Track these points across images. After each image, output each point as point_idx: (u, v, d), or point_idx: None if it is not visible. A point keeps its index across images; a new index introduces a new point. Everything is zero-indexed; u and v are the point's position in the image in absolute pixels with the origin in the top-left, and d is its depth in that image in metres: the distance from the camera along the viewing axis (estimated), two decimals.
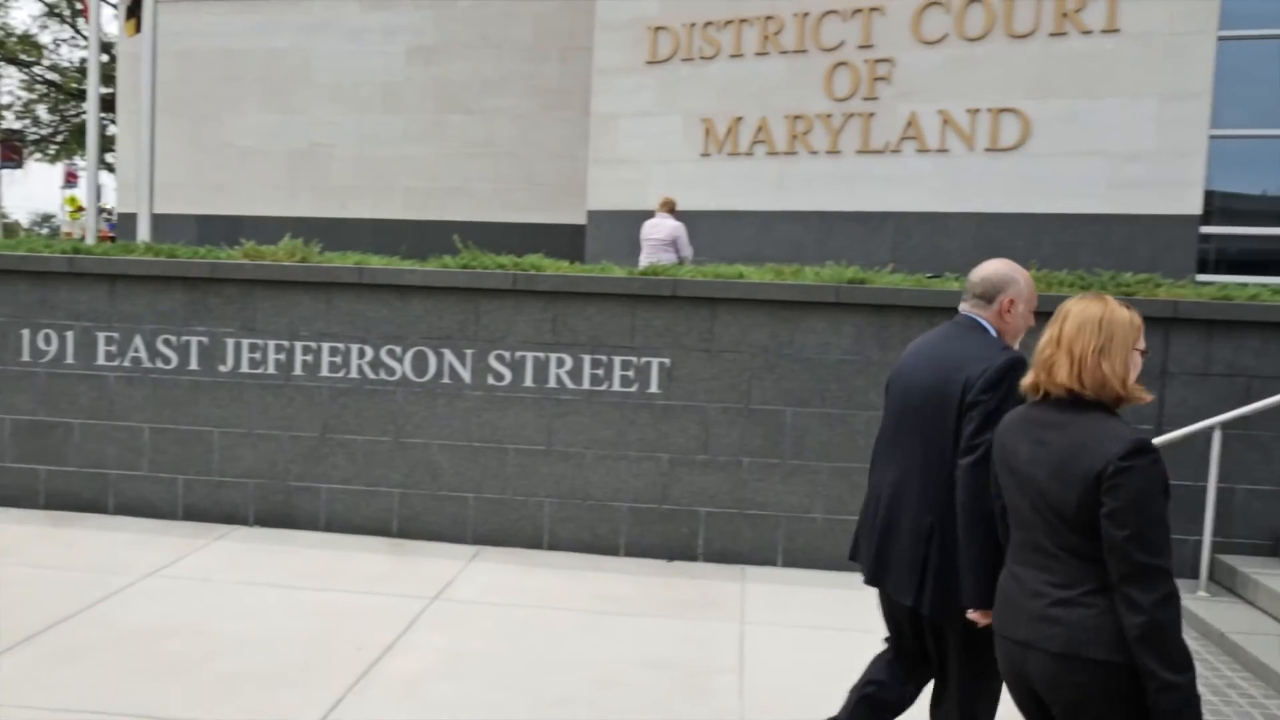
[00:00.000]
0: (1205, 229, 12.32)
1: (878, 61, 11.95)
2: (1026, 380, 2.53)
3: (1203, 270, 12.58)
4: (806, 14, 12.24)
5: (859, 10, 12.02)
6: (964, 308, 3.12)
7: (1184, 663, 2.21)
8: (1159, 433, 5.81)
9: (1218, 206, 12.65)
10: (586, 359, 6.20)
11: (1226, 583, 5.74)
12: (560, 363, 6.21)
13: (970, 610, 2.81)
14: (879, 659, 3.31)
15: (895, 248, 11.68)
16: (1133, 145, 10.90)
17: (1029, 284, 3.06)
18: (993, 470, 2.61)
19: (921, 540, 2.96)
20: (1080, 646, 2.28)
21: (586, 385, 6.20)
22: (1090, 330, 2.39)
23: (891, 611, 3.20)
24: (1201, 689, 4.16)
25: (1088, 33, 11.06)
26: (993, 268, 3.08)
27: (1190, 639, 5.16)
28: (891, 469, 3.11)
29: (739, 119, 12.60)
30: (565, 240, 13.71)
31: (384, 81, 16.33)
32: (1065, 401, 2.42)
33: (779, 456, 6.11)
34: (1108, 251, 10.93)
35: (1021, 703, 2.53)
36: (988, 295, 3.04)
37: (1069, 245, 11.05)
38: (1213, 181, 11.57)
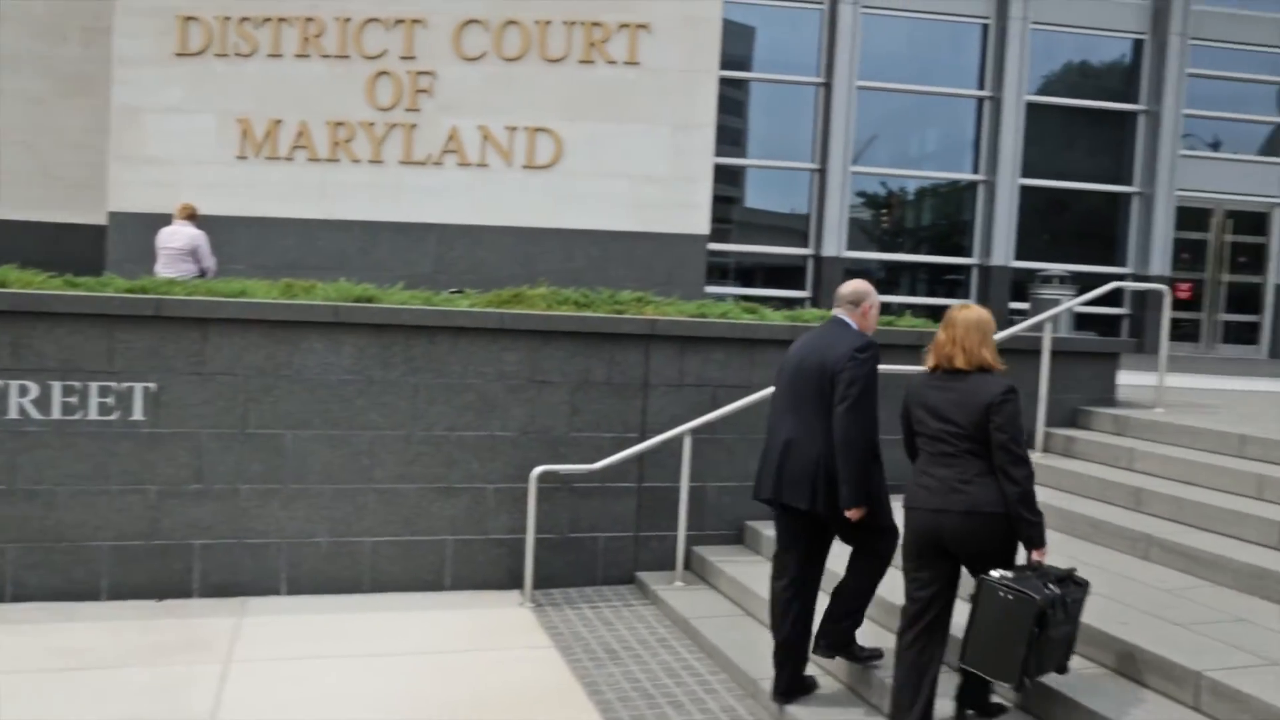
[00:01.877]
0: (714, 245, 13.79)
1: (420, 74, 12.01)
2: (929, 362, 3.98)
3: (722, 280, 14.05)
4: (349, 19, 12.01)
5: (401, 20, 12.00)
6: (837, 312, 4.41)
7: (1038, 510, 3.75)
8: (643, 439, 6.36)
9: (738, 223, 14.20)
10: (57, 386, 5.61)
11: (699, 571, 6.40)
12: (23, 390, 5.57)
13: (847, 510, 4.14)
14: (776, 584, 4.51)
15: (438, 259, 11.82)
16: (651, 169, 11.87)
17: (877, 295, 4.46)
18: (903, 413, 4.06)
19: (812, 466, 4.20)
20: (978, 505, 3.75)
21: (57, 415, 5.61)
22: (974, 331, 3.88)
23: (788, 525, 4.41)
24: (659, 672, 4.59)
25: (613, 63, 11.88)
26: (857, 284, 4.46)
27: (662, 627, 5.71)
28: (789, 421, 4.34)
29: (278, 122, 12.08)
30: (89, 243, 12.40)
31: None
32: (956, 372, 3.88)
33: (280, 481, 5.92)
34: (633, 265, 11.84)
35: (923, 554, 3.89)
36: (855, 301, 4.39)
37: (600, 260, 11.80)
38: (732, 202, 12.99)
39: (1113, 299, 14.77)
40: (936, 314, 5.12)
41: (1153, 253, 14.82)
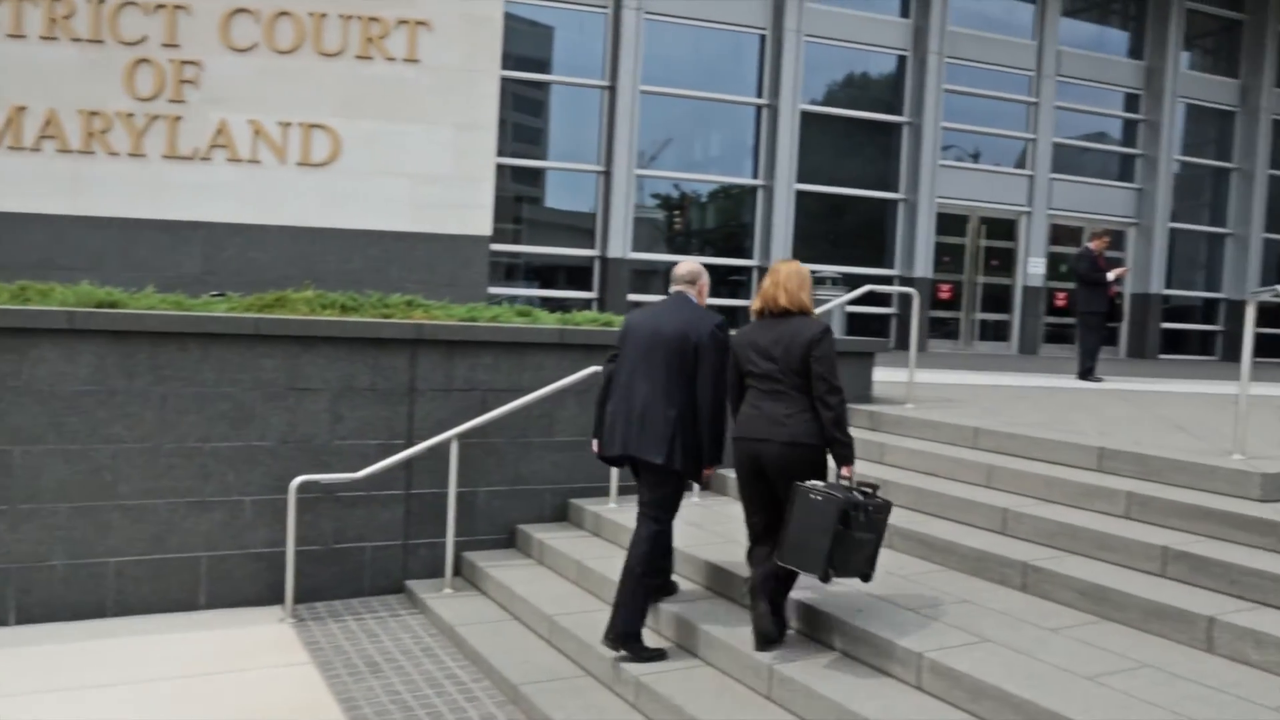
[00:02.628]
0: (503, 246, 13.74)
1: (185, 63, 11.35)
2: (756, 305, 4.54)
3: (511, 281, 14.00)
4: (102, 1, 11.24)
5: (162, 6, 11.32)
6: (676, 289, 4.91)
7: (849, 433, 4.33)
8: (411, 445, 6.25)
9: (528, 224, 14.18)
10: None
11: (470, 577, 6.35)
12: None
13: (709, 467, 4.75)
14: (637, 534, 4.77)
15: (207, 260, 11.23)
16: (433, 169, 11.69)
17: (706, 273, 5.04)
18: (734, 352, 4.56)
19: (669, 425, 4.61)
20: (797, 438, 4.29)
21: None
22: (795, 277, 4.48)
23: (641, 476, 4.80)
24: (420, 683, 4.52)
25: (392, 59, 11.61)
26: (691, 264, 5.02)
27: (428, 636, 5.63)
28: (643, 385, 4.68)
29: (22, 109, 11.16)
30: None
31: None
32: (780, 314, 4.44)
33: (8, 501, 5.48)
34: (414, 267, 11.63)
35: (752, 480, 4.46)
36: (691, 280, 4.94)
37: (379, 260, 11.53)
38: (522, 202, 12.97)
39: (883, 300, 15.66)
40: (724, 314, 5.35)
41: (917, 256, 15.79)
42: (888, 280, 15.49)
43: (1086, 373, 11.11)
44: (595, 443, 4.98)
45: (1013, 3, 17.25)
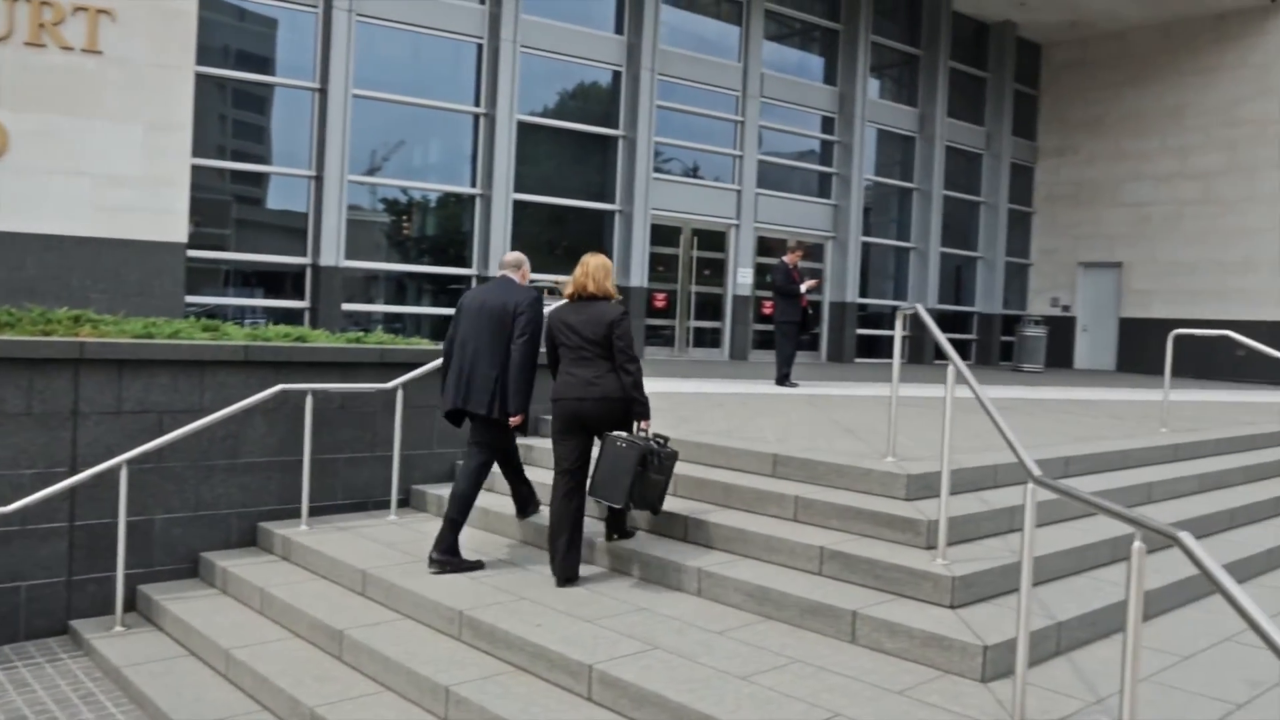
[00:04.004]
0: (211, 253, 12.96)
1: None
2: (569, 290, 5.44)
3: (220, 289, 13.20)
4: None
5: None
6: (502, 273, 5.90)
7: (645, 393, 5.32)
8: (74, 472, 5.77)
9: (237, 229, 13.41)
10: None
11: (146, 612, 5.94)
12: None
13: (513, 416, 5.59)
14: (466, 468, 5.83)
15: None
16: (121, 170, 10.85)
17: (528, 261, 6.03)
18: (550, 330, 5.47)
19: (491, 383, 5.57)
20: (607, 394, 5.26)
21: None
22: (600, 269, 5.42)
23: (474, 427, 5.79)
24: None
25: (69, 49, 10.67)
26: (516, 255, 6.03)
27: (91, 681, 5.24)
28: (472, 350, 5.63)
29: None
30: None
31: None
32: (588, 298, 5.39)
33: None
34: (100, 275, 10.75)
35: (568, 431, 5.35)
36: (516, 265, 5.93)
37: (58, 268, 10.57)
38: (231, 206, 12.24)
39: None
40: (443, 325, 5.23)
41: (633, 265, 16.26)
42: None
43: (783, 379, 11.86)
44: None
45: (721, 25, 18.14)
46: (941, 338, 5.39)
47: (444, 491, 7.00)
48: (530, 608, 4.83)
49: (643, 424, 5.30)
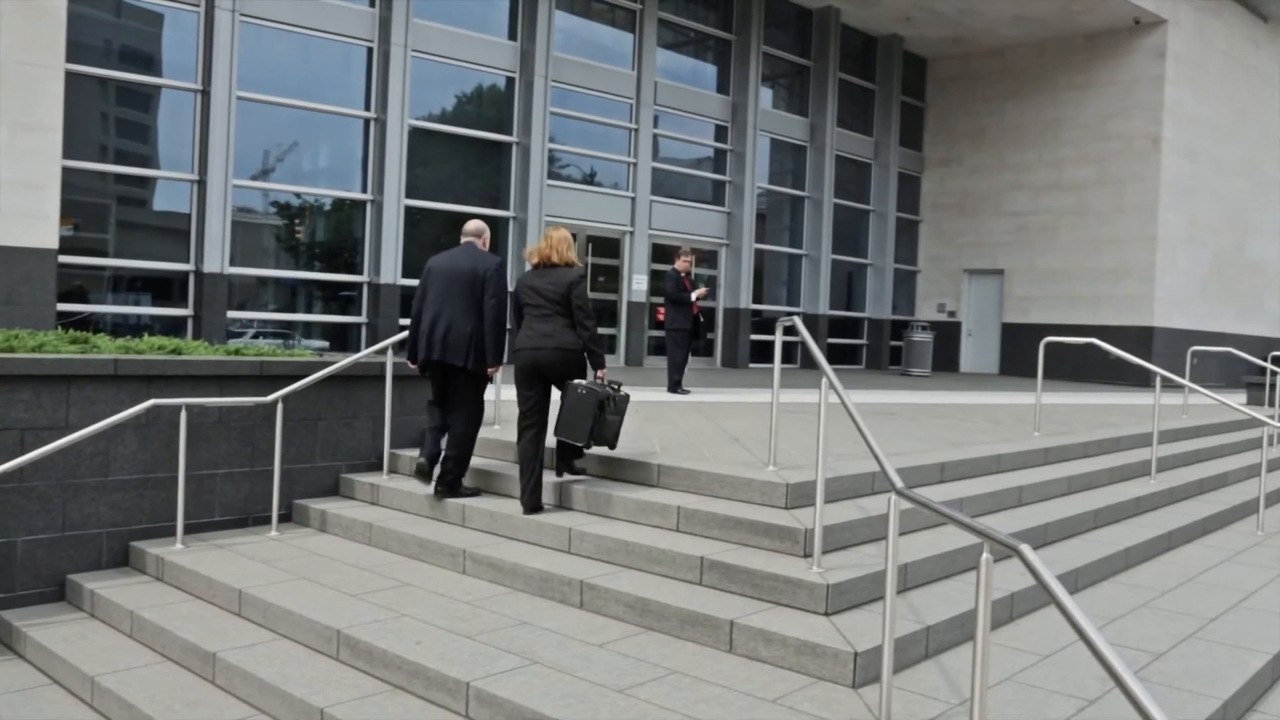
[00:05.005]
0: (89, 260, 12.46)
1: None
2: (534, 259, 6.26)
3: (97, 297, 12.68)
4: None
5: None
6: (466, 240, 6.63)
7: (601, 344, 6.30)
8: None
9: (117, 235, 12.89)
10: None
11: (7, 640, 5.68)
12: None
13: (491, 366, 6.40)
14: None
15: None
16: None
17: (488, 229, 6.85)
18: (516, 292, 6.24)
19: (466, 337, 6.31)
20: (564, 345, 6.08)
21: None
22: (562, 242, 6.25)
23: (444, 376, 6.52)
24: None
25: None
26: (478, 223, 6.75)
27: None
28: (447, 309, 6.33)
29: None
30: None
31: None
32: (550, 266, 6.19)
33: None
34: None
35: (530, 379, 6.13)
36: (477, 234, 6.66)
37: None
38: (111, 211, 11.78)
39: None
40: (334, 332, 5.11)
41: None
42: None
43: (675, 385, 11.97)
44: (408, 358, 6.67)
45: (616, 32, 18.21)
46: (815, 348, 5.53)
47: (327, 506, 6.90)
48: (411, 625, 4.78)
49: (599, 372, 6.16)
